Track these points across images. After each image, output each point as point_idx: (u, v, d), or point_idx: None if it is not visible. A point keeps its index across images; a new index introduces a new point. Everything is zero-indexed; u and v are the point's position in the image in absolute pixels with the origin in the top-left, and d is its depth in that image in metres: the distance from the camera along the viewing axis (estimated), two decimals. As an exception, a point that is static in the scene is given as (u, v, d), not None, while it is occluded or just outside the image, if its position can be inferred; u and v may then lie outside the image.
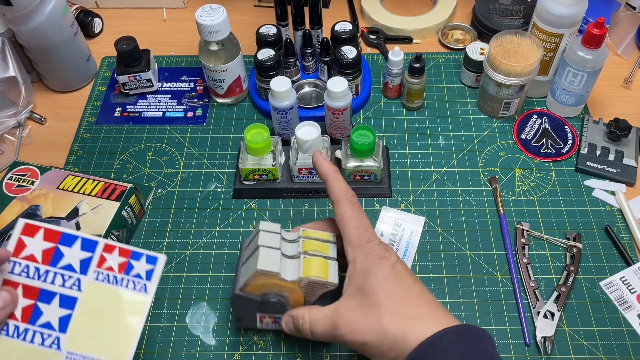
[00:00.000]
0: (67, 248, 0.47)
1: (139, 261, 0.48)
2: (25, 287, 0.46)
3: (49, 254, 0.47)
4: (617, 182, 0.74)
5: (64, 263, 0.47)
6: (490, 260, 0.68)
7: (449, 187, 0.74)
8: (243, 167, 0.71)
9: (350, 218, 0.51)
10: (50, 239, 0.47)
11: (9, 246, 0.46)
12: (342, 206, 0.52)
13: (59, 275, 0.46)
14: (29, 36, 0.78)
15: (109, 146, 0.81)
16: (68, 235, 0.47)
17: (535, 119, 0.80)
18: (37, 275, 0.46)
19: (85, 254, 0.47)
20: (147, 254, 0.48)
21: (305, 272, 0.51)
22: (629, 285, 0.65)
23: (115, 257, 0.47)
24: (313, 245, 0.54)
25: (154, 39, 0.95)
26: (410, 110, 0.83)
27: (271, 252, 0.52)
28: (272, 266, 0.51)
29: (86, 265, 0.47)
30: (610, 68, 0.86)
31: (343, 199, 0.52)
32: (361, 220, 0.52)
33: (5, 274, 0.46)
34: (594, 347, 0.61)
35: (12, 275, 0.46)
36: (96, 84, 0.89)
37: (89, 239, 0.47)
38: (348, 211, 0.52)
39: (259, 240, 0.53)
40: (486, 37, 0.88)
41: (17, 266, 0.46)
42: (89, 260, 0.47)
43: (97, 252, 0.47)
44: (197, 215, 0.73)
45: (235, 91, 0.82)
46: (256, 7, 1.00)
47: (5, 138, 0.81)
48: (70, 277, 0.46)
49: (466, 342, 0.45)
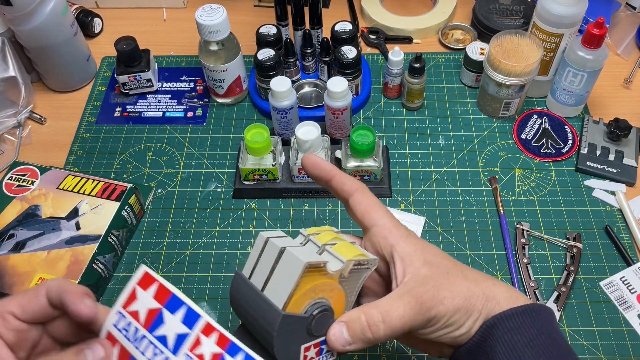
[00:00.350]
0: (170, 315, 0.40)
1: (233, 358, 0.38)
2: (123, 349, 0.40)
3: (152, 315, 0.40)
4: (617, 182, 0.74)
5: (160, 332, 0.40)
6: (490, 260, 0.68)
7: (449, 187, 0.74)
8: (243, 167, 0.71)
9: (377, 204, 0.45)
10: (160, 298, 0.40)
11: (122, 294, 0.40)
12: (364, 193, 0.46)
13: (152, 347, 0.40)
14: (29, 36, 0.78)
15: (109, 146, 0.81)
16: (177, 298, 0.40)
17: (535, 119, 0.80)
18: (134, 339, 0.40)
19: (184, 329, 0.40)
20: (247, 354, 0.38)
21: (347, 256, 0.43)
22: (629, 285, 0.65)
23: (211, 343, 0.39)
24: (327, 236, 0.46)
25: (154, 39, 0.95)
26: (410, 110, 0.83)
27: (300, 248, 0.43)
28: (315, 257, 0.41)
29: (179, 344, 0.40)
30: (610, 68, 0.86)
31: (360, 187, 0.46)
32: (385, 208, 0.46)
33: (110, 325, 0.40)
34: (594, 347, 0.61)
35: (114, 329, 0.40)
36: (96, 84, 0.89)
37: (194, 310, 0.39)
38: (372, 198, 0.46)
39: (278, 243, 0.43)
40: (486, 37, 0.88)
41: (122, 320, 0.40)
42: (184, 338, 0.40)
43: (195, 331, 0.39)
44: (197, 215, 0.73)
45: (235, 91, 0.82)
46: (256, 7, 1.00)
47: (5, 138, 0.81)
48: (161, 352, 0.40)
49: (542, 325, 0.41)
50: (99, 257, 0.64)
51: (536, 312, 0.41)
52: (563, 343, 0.42)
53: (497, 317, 0.40)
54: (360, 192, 0.46)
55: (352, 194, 0.46)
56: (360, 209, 0.46)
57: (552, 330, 0.41)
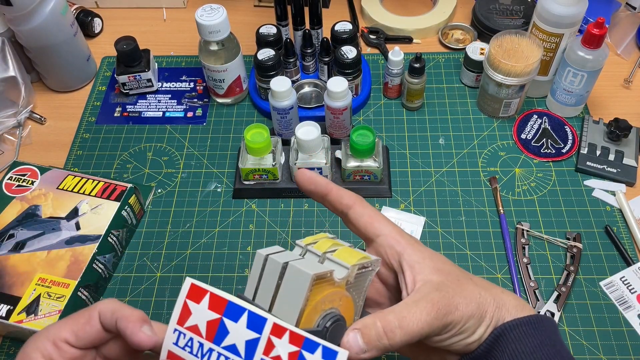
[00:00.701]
0: (233, 323, 0.38)
1: (313, 354, 0.37)
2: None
3: (213, 327, 0.38)
4: (617, 182, 0.74)
5: (228, 342, 0.38)
6: (490, 260, 0.68)
7: (449, 187, 0.74)
8: (243, 167, 0.71)
9: (378, 214, 0.45)
10: (216, 308, 0.39)
11: (174, 311, 0.39)
12: (363, 205, 0.45)
13: (223, 357, 0.38)
14: (29, 36, 0.78)
15: (109, 146, 0.81)
16: (234, 305, 0.39)
17: (535, 119, 0.80)
18: (200, 353, 0.39)
19: (252, 334, 0.38)
20: (323, 346, 0.37)
21: (350, 261, 0.42)
22: (629, 285, 0.65)
23: (284, 343, 0.38)
24: (325, 244, 0.45)
25: (154, 39, 0.95)
26: (410, 110, 0.83)
27: (302, 261, 0.42)
28: (320, 267, 0.40)
29: (252, 350, 0.38)
30: (610, 68, 0.86)
31: (358, 199, 0.46)
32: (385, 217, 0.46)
33: (169, 344, 0.39)
34: (594, 347, 0.61)
35: (176, 348, 0.39)
36: (96, 84, 0.89)
37: (257, 314, 0.38)
38: (371, 209, 0.45)
39: (279, 259, 0.42)
40: (486, 37, 0.88)
41: (181, 337, 0.39)
42: (256, 342, 0.38)
43: (265, 334, 0.38)
44: (197, 215, 0.73)
45: (235, 91, 0.82)
46: (256, 7, 1.00)
47: (5, 138, 0.81)
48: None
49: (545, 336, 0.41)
50: (99, 257, 0.64)
51: (540, 323, 0.41)
52: (566, 354, 0.42)
53: (503, 327, 0.41)
54: (360, 204, 0.45)
55: (351, 207, 0.46)
56: (362, 221, 0.45)
57: (555, 341, 0.42)
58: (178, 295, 0.39)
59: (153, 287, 0.67)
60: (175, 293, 0.66)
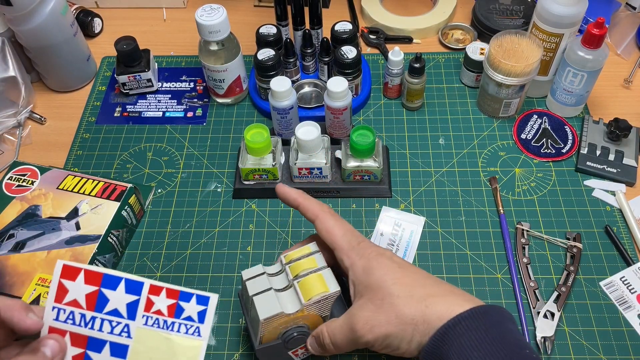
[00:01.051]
0: (111, 291, 0.44)
1: (188, 302, 0.45)
2: (73, 334, 0.43)
3: (92, 298, 0.43)
4: (617, 182, 0.74)
5: (109, 308, 0.44)
6: (490, 260, 0.68)
7: (449, 187, 0.74)
8: (243, 167, 0.71)
9: (335, 227, 0.52)
10: (92, 281, 0.44)
11: (49, 291, 0.43)
12: (323, 219, 0.52)
13: (107, 322, 0.43)
14: (29, 36, 0.78)
15: (109, 146, 0.81)
16: (110, 276, 0.44)
17: (535, 119, 0.80)
18: (83, 322, 0.43)
19: (131, 297, 0.44)
20: (197, 294, 0.45)
21: (306, 296, 0.50)
22: (629, 285, 0.65)
23: (163, 299, 0.44)
24: (300, 266, 0.53)
25: (154, 39, 0.95)
26: (410, 110, 0.83)
27: (265, 296, 0.51)
28: (273, 309, 0.50)
29: (134, 310, 0.44)
30: (610, 68, 0.86)
31: (321, 212, 0.53)
32: (345, 227, 0.52)
33: (50, 321, 0.43)
34: (594, 347, 0.61)
35: (57, 323, 0.43)
36: (96, 84, 0.89)
37: (133, 280, 0.44)
38: (330, 222, 0.52)
39: (249, 290, 0.51)
40: (486, 37, 0.88)
41: (61, 313, 0.43)
42: (136, 303, 0.44)
43: (144, 295, 0.44)
44: (197, 215, 0.73)
45: (235, 91, 0.82)
46: (256, 7, 1.00)
47: (5, 138, 0.81)
48: (119, 323, 0.44)
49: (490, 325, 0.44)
50: (99, 257, 0.64)
51: (484, 314, 0.44)
52: (512, 339, 0.44)
53: (447, 324, 0.44)
54: (321, 218, 0.52)
55: (314, 220, 0.53)
56: (322, 234, 0.52)
57: (502, 330, 0.44)
58: None
59: (153, 287, 0.67)
60: (175, 293, 0.66)
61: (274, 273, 0.54)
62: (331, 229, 0.52)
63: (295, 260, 0.53)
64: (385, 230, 0.70)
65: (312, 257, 0.53)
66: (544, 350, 0.60)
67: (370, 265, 0.49)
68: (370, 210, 0.72)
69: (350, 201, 0.73)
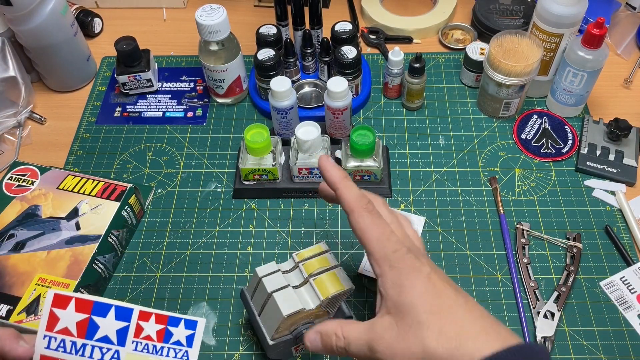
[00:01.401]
0: (102, 318, 0.45)
1: (177, 327, 0.46)
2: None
3: (83, 326, 0.44)
4: (617, 182, 0.74)
5: (100, 335, 0.45)
6: (490, 260, 0.68)
7: (449, 187, 0.74)
8: (243, 167, 0.71)
9: (369, 228, 0.45)
10: (83, 309, 0.44)
11: (41, 320, 0.44)
12: (358, 216, 0.46)
13: (97, 349, 0.45)
14: (29, 36, 0.78)
15: (109, 146, 0.81)
16: (101, 304, 0.45)
17: (535, 119, 0.80)
18: (74, 350, 0.44)
19: (121, 324, 0.45)
20: (185, 319, 0.47)
21: (324, 293, 0.50)
22: (629, 285, 0.65)
23: (152, 324, 0.46)
24: (313, 264, 0.53)
25: (154, 39, 0.95)
26: (410, 110, 0.83)
27: (285, 292, 0.51)
28: (295, 305, 0.50)
29: (123, 336, 0.45)
30: (610, 68, 0.86)
31: (358, 208, 0.46)
32: (382, 229, 0.45)
33: (41, 349, 0.44)
34: (594, 347, 0.61)
35: (48, 351, 0.44)
36: (96, 84, 0.89)
37: (123, 307, 0.45)
38: (365, 221, 0.45)
39: (267, 287, 0.52)
40: (486, 37, 0.88)
41: (52, 341, 0.44)
42: (126, 330, 0.45)
43: (133, 321, 0.45)
44: (197, 215, 0.73)
45: (235, 91, 0.82)
46: (256, 7, 1.00)
47: (5, 138, 0.81)
48: (109, 349, 0.45)
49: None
50: (99, 257, 0.64)
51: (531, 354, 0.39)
52: None
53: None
54: (355, 214, 0.46)
55: (348, 214, 0.47)
56: (355, 233, 0.47)
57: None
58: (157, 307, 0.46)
59: (153, 287, 0.67)
60: (175, 293, 0.66)
61: (287, 270, 0.54)
62: (365, 230, 0.45)
63: (307, 259, 0.53)
64: (385, 230, 0.70)
65: (324, 256, 0.53)
66: (544, 350, 0.60)
67: (401, 281, 0.43)
68: (370, 210, 0.72)
69: (350, 201, 0.73)
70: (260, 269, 0.53)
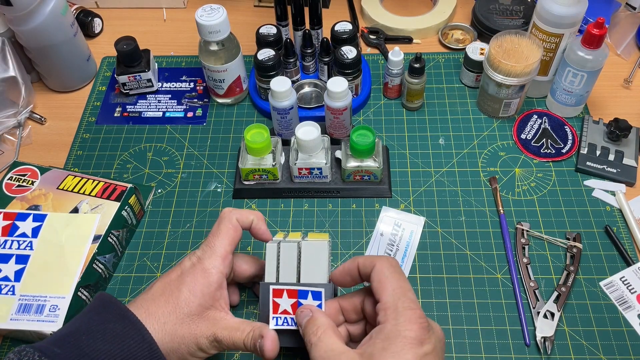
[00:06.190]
0: (22, 222, 0.63)
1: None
2: None
3: (6, 229, 0.63)
4: (617, 182, 0.74)
5: (19, 233, 0.62)
6: (490, 260, 0.68)
7: (449, 187, 0.74)
8: (243, 167, 0.71)
9: (388, 279, 0.47)
10: (8, 218, 0.63)
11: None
12: (381, 266, 0.48)
13: (15, 242, 0.62)
14: (29, 36, 0.78)
15: (109, 146, 0.81)
16: (21, 214, 0.64)
17: (535, 119, 0.80)
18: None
19: (36, 224, 0.63)
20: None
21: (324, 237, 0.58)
22: (629, 285, 0.65)
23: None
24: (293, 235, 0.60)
25: (154, 39, 0.95)
26: (410, 110, 0.83)
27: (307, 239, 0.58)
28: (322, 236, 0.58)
29: (37, 231, 0.63)
30: (610, 68, 0.86)
31: (383, 259, 0.49)
32: (400, 283, 0.47)
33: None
34: (594, 347, 0.61)
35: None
36: (96, 84, 0.89)
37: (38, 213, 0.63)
38: (385, 272, 0.48)
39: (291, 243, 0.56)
40: (486, 37, 0.88)
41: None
42: (39, 227, 0.63)
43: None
44: (197, 215, 0.73)
45: (235, 91, 0.82)
46: (256, 7, 1.00)
47: (5, 138, 0.81)
48: (25, 241, 0.62)
49: None
50: (99, 257, 0.64)
51: None
52: None
53: None
54: (378, 267, 0.49)
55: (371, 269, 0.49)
56: (373, 284, 0.49)
57: None
58: None
59: (153, 287, 0.67)
60: (175, 293, 0.66)
61: None
62: (384, 280, 0.47)
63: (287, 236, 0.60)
64: (385, 231, 0.70)
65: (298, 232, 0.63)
66: (544, 350, 0.60)
67: (394, 342, 0.43)
68: (370, 210, 0.72)
69: (350, 201, 0.73)
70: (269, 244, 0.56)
